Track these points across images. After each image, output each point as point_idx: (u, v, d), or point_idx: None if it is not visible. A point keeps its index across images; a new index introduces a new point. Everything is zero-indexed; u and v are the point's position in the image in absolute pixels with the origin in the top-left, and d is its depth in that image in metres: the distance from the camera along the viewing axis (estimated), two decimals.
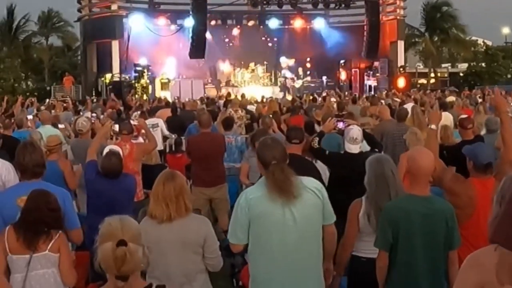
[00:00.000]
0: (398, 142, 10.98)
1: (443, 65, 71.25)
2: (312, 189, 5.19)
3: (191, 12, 40.93)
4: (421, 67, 68.43)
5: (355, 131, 8.49)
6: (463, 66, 70.33)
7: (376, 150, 8.67)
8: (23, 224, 5.53)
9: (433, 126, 6.96)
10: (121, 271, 3.58)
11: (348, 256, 6.25)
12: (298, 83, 42.75)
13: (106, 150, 8.54)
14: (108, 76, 39.49)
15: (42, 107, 22.82)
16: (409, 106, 16.63)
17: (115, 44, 40.67)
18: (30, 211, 5.55)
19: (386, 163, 6.12)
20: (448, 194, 6.19)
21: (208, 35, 41.15)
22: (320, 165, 8.78)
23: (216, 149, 10.98)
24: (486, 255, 3.15)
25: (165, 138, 16.45)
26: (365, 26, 44.43)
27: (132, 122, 11.83)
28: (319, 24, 47.62)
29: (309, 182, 5.29)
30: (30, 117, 15.50)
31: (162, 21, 43.92)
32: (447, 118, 15.11)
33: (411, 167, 5.47)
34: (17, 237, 5.49)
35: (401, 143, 10.71)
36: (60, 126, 14.27)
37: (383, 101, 21.49)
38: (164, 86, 39.56)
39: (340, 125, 9.07)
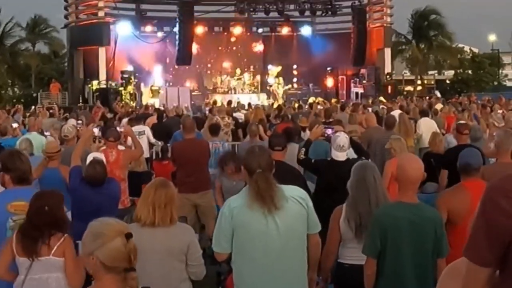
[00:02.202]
0: (387, 150, 10.99)
1: (429, 72, 71.48)
2: (296, 198, 5.15)
3: (178, 19, 40.93)
4: (408, 74, 68.61)
5: (342, 138, 8.51)
6: (450, 73, 70.65)
7: (363, 158, 8.69)
8: (24, 231, 5.62)
9: None
10: (133, 263, 3.64)
11: (331, 263, 6.25)
12: (280, 91, 42.78)
13: (89, 157, 8.50)
14: (95, 83, 39.43)
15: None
16: (395, 113, 16.72)
17: (102, 51, 40.62)
18: (30, 217, 5.65)
19: (369, 169, 6.14)
20: (448, 211, 6.24)
21: (194, 42, 41.12)
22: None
23: (201, 155, 10.97)
24: (464, 265, 3.10)
25: (151, 145, 16.43)
26: (352, 34, 44.51)
27: (118, 129, 11.79)
28: (306, 31, 47.69)
29: (293, 191, 5.25)
30: (15, 125, 15.42)
31: (149, 28, 43.88)
32: (431, 125, 15.21)
33: (399, 175, 5.46)
34: (17, 240, 5.60)
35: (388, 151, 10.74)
36: (46, 133, 14.21)
37: (370, 109, 21.54)
38: (155, 93, 39.63)
39: (329, 131, 9.08)
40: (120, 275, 3.63)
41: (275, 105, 28.63)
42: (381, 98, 33.66)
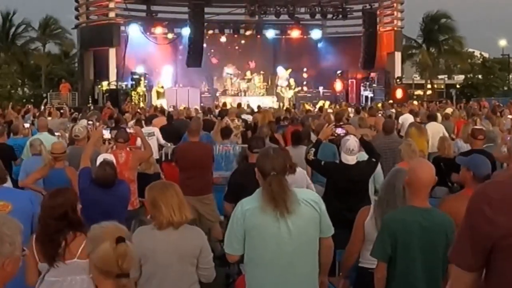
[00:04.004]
0: (384, 155, 10.93)
1: (439, 77, 71.36)
2: (308, 202, 5.13)
3: (188, 21, 40.99)
4: (418, 78, 68.49)
5: (352, 142, 8.48)
6: (460, 77, 70.46)
7: (374, 159, 8.66)
8: (39, 236, 5.57)
9: None
10: (123, 268, 3.57)
11: (352, 262, 6.28)
12: (289, 93, 42.79)
13: (100, 159, 8.51)
14: (105, 83, 39.46)
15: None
16: (405, 117, 16.71)
17: (112, 52, 40.66)
18: (42, 220, 5.60)
19: (401, 176, 6.07)
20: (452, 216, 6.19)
21: (205, 44, 41.17)
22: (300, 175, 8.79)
23: (203, 158, 10.98)
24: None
25: (160, 146, 16.43)
26: (362, 37, 44.46)
27: (128, 130, 11.80)
28: (316, 34, 47.67)
29: (306, 194, 5.25)
30: (27, 125, 15.47)
31: (159, 29, 43.95)
32: (438, 129, 15.16)
33: (411, 179, 5.43)
34: (38, 248, 5.53)
35: (386, 156, 10.71)
36: (56, 133, 14.26)
37: (380, 113, 21.53)
38: (160, 94, 39.71)
39: (338, 130, 9.03)
40: (116, 281, 3.59)
41: (283, 108, 28.67)
42: (390, 101, 33.65)
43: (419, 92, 60.44)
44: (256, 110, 26.72)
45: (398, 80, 44.02)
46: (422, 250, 5.31)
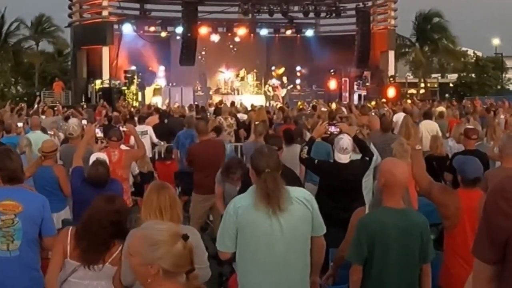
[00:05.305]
0: (383, 153, 10.92)
1: (433, 76, 71.37)
2: (301, 200, 5.15)
3: (181, 20, 40.96)
4: (411, 77, 68.47)
5: (345, 140, 8.47)
6: (453, 76, 70.51)
7: (367, 158, 8.66)
8: (83, 234, 5.45)
9: (417, 147, 7.02)
10: (193, 263, 3.61)
11: (342, 260, 6.27)
12: (283, 92, 42.78)
13: (92, 158, 8.49)
14: (98, 82, 39.39)
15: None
16: (400, 116, 16.69)
17: (105, 50, 40.54)
18: (90, 224, 5.48)
19: None
20: (437, 205, 6.21)
21: (198, 42, 41.14)
22: None
23: (218, 155, 10.97)
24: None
25: (153, 145, 16.40)
26: (355, 36, 44.46)
27: (121, 128, 11.78)
28: (309, 33, 47.67)
29: (299, 192, 5.26)
30: (20, 124, 15.42)
31: (152, 28, 43.88)
32: (432, 127, 15.15)
33: (387, 180, 5.42)
34: (75, 245, 5.43)
35: (385, 154, 10.70)
36: (50, 132, 14.22)
37: (373, 112, 21.51)
38: (156, 91, 39.75)
39: (332, 129, 9.02)
40: (182, 278, 3.57)
41: (276, 107, 28.63)
42: (384, 100, 33.66)
43: (413, 90, 60.40)
44: (249, 108, 26.72)
45: (391, 79, 44.01)
46: (398, 251, 5.34)
